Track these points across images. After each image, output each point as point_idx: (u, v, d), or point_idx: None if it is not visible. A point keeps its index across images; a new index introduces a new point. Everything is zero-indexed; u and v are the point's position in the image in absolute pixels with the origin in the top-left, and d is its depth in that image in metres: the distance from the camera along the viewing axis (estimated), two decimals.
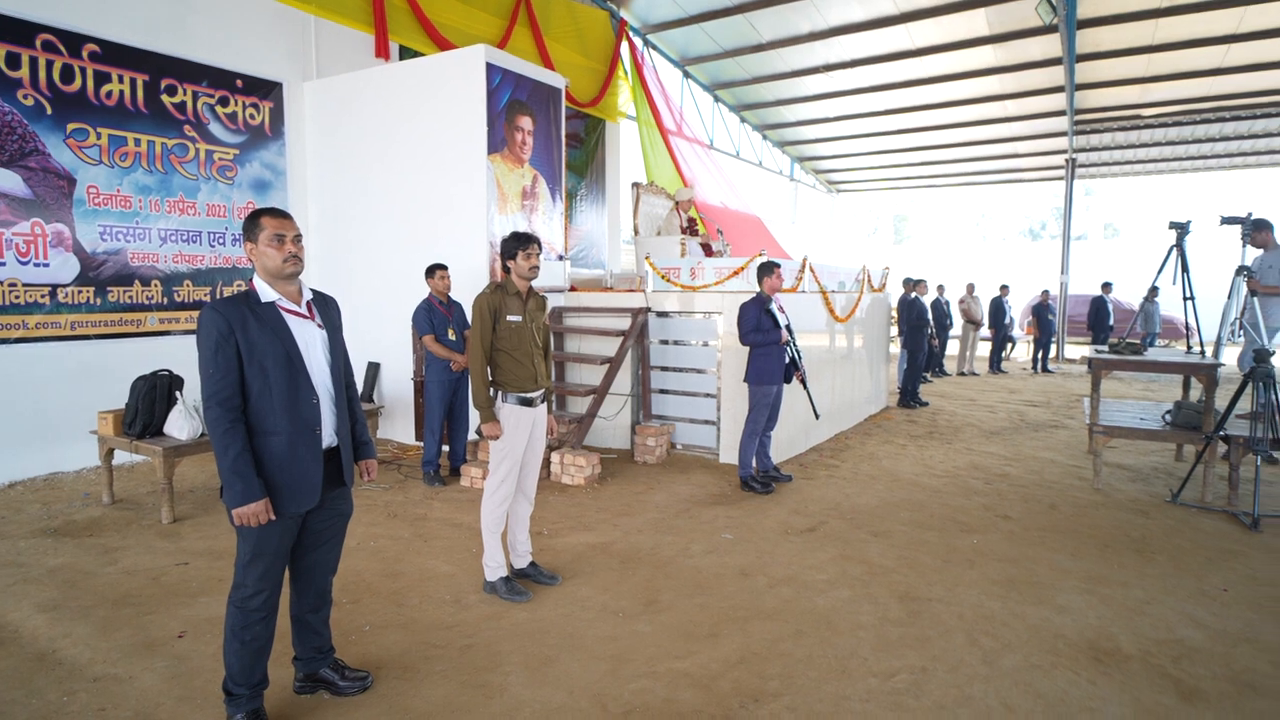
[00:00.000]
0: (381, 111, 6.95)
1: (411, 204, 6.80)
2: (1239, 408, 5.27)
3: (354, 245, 7.22)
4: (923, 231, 43.00)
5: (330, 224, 7.37)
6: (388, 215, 6.97)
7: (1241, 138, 15.27)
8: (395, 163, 6.88)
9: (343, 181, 7.25)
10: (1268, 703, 2.78)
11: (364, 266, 7.16)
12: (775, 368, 5.38)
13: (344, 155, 7.22)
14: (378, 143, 6.98)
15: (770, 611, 3.52)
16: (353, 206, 7.20)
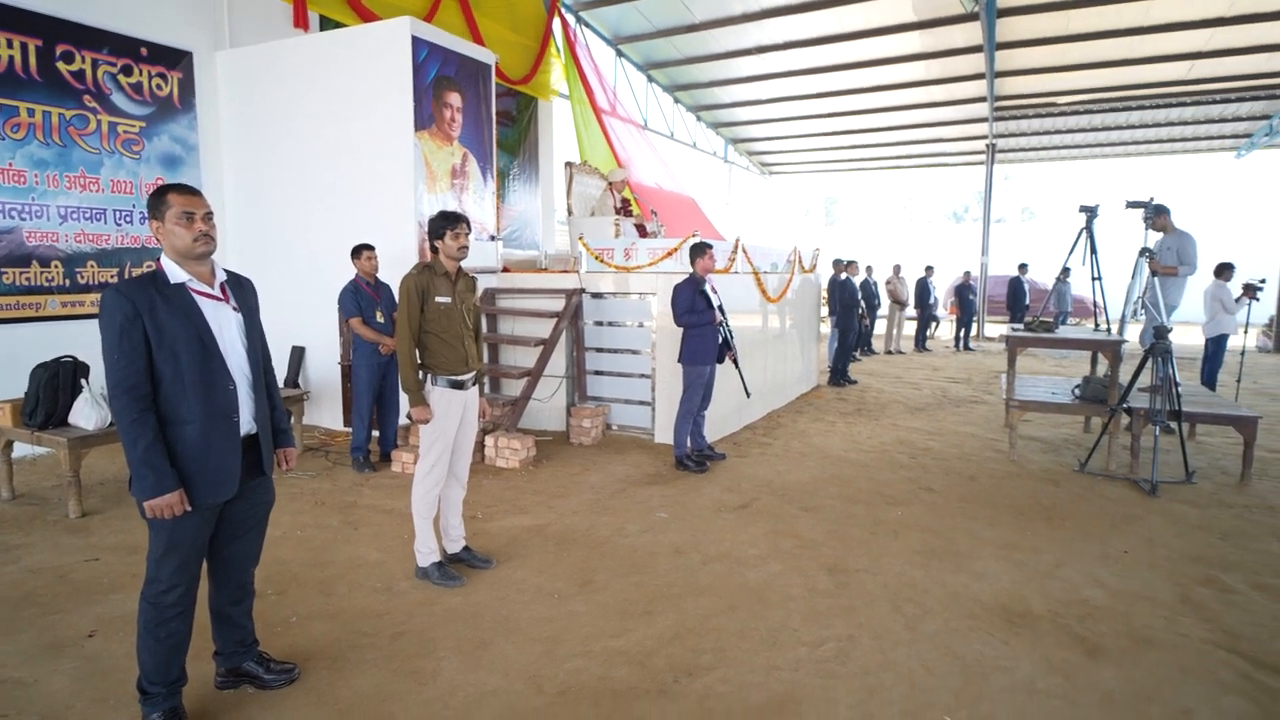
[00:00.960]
0: (301, 85, 6.65)
1: (336, 182, 6.55)
2: (1140, 381, 5.60)
3: (274, 224, 6.93)
4: (853, 213, 43.99)
5: (248, 202, 7.04)
6: (310, 193, 6.71)
7: (1146, 126, 16.11)
8: (317, 139, 6.61)
9: (260, 158, 6.93)
10: (1161, 654, 2.99)
11: (286, 247, 6.88)
12: (709, 348, 5.44)
13: (261, 130, 6.90)
14: (298, 118, 6.69)
15: (704, 587, 3.57)
16: (272, 184, 6.89)
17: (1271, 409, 8.31)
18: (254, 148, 6.95)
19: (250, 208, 7.04)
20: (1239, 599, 3.50)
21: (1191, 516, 4.66)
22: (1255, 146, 16.70)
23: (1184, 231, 6.73)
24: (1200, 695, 2.70)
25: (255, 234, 7.04)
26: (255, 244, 7.03)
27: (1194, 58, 12.33)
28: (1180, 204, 7.41)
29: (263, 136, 6.89)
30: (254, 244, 7.03)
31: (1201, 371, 7.93)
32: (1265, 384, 10.40)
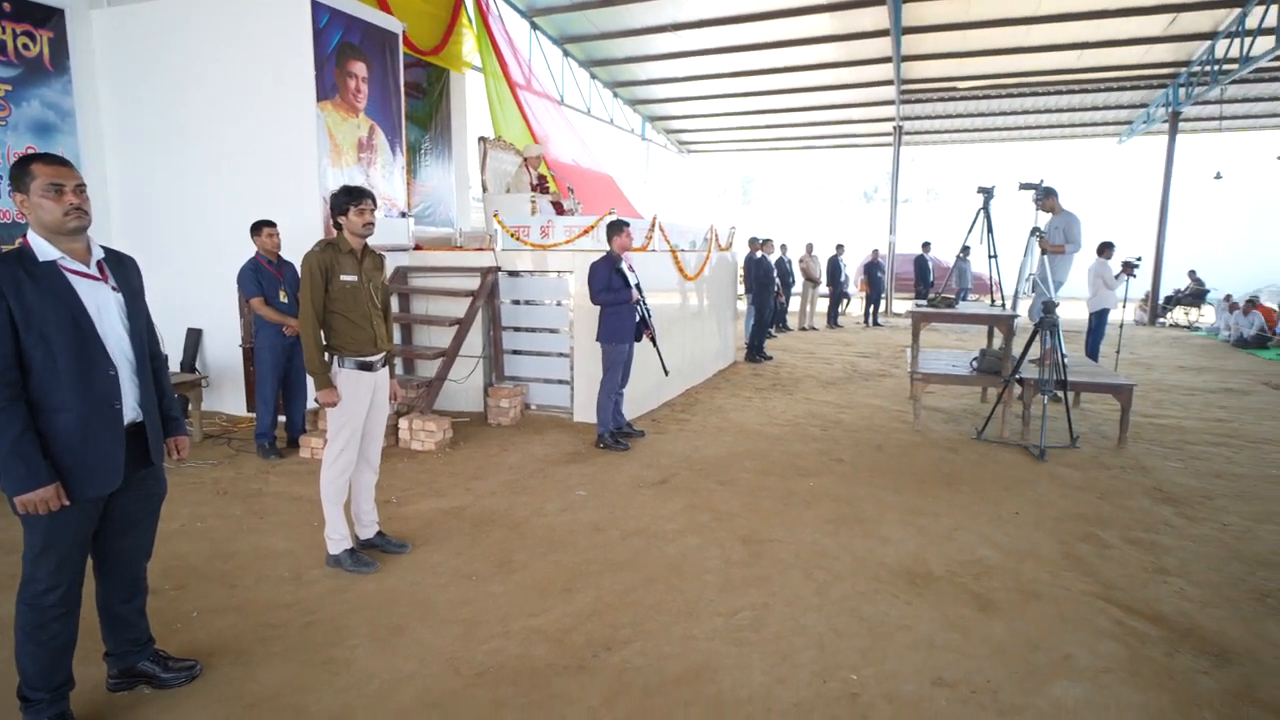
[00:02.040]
0: (191, 49, 6.21)
1: (234, 154, 6.17)
2: (1031, 354, 5.96)
3: (164, 199, 6.48)
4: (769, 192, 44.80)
5: (134, 174, 6.56)
6: (205, 166, 6.30)
7: (1039, 112, 17.01)
8: (211, 108, 6.20)
9: (147, 126, 6.45)
10: (1046, 606, 3.22)
11: (179, 223, 6.45)
12: (626, 326, 5.46)
13: (147, 97, 6.41)
14: (189, 85, 6.26)
15: (622, 563, 3.61)
16: (162, 155, 6.44)
17: (1146, 377, 9.01)
18: (139, 116, 6.46)
19: (137, 181, 6.56)
20: (1114, 553, 3.80)
21: (1074, 478, 5.01)
22: (1135, 133, 17.88)
23: (1070, 212, 7.16)
24: (1079, 642, 2.93)
25: (143, 209, 6.57)
26: (143, 220, 6.57)
27: (1081, 47, 13.06)
28: (1068, 186, 7.87)
29: (149, 104, 6.42)
30: (142, 220, 6.57)
31: (1085, 343, 8.50)
32: (1141, 354, 11.26)
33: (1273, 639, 2.96)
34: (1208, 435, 6.25)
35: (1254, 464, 5.41)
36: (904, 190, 20.69)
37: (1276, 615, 3.16)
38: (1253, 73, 12.63)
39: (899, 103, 16.35)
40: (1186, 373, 9.68)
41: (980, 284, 18.15)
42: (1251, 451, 5.76)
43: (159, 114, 6.39)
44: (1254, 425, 6.67)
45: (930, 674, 2.69)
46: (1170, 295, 16.94)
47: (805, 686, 2.61)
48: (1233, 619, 3.12)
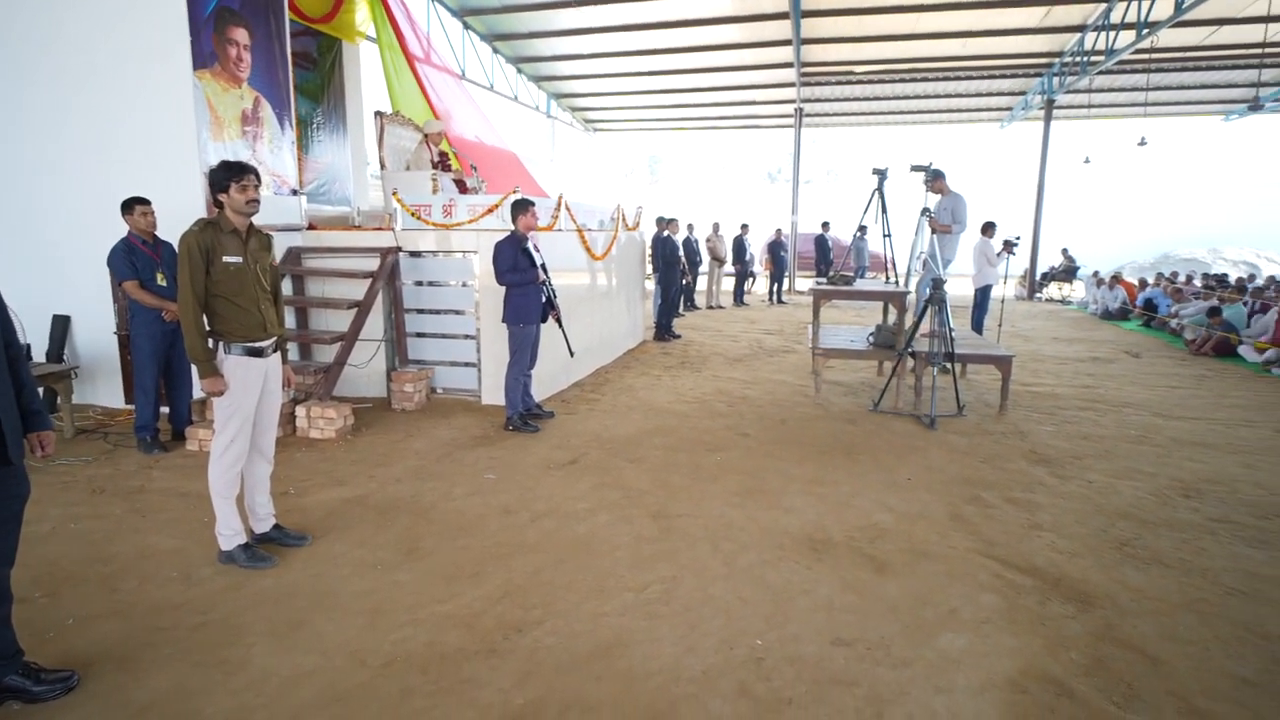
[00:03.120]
0: (54, 13, 5.66)
1: (103, 126, 5.68)
2: (921, 328, 6.28)
3: (20, 175, 5.90)
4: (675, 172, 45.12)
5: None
6: (69, 140, 5.77)
7: (929, 97, 17.77)
8: (75, 76, 5.67)
9: (6, 97, 5.84)
10: (935, 565, 3.43)
11: (39, 202, 5.90)
12: (533, 307, 5.40)
13: (5, 67, 5.80)
14: (49, 50, 5.69)
15: (533, 545, 3.60)
16: (18, 127, 5.85)
17: (1024, 349, 9.66)
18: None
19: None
20: (995, 512, 4.08)
21: (961, 444, 5.33)
22: (1015, 119, 18.98)
23: (957, 194, 7.55)
24: (963, 595, 3.14)
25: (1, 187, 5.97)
26: (1, 198, 5.97)
27: (966, 36, 13.71)
28: (955, 169, 8.28)
29: (7, 74, 5.81)
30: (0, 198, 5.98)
31: (971, 318, 9.02)
32: (1020, 327, 12.06)
33: (1130, 583, 3.27)
34: (1077, 401, 6.78)
35: (1116, 426, 5.91)
36: (805, 171, 21.27)
37: (1133, 562, 3.48)
38: (1117, 64, 13.62)
39: (799, 85, 16.73)
40: (1059, 344, 10.45)
41: (877, 262, 18.95)
42: (1114, 415, 6.29)
43: (19, 84, 5.80)
44: (1116, 391, 7.28)
45: (830, 634, 2.83)
46: (1046, 272, 18.18)
47: (713, 654, 2.69)
48: (1096, 567, 3.42)
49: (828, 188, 31.86)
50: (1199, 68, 15.10)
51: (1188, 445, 5.40)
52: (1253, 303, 10.74)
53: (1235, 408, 6.64)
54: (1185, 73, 15.43)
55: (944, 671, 2.60)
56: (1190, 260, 22.00)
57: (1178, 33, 12.58)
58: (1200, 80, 15.99)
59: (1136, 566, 3.43)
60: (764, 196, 28.59)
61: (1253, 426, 5.97)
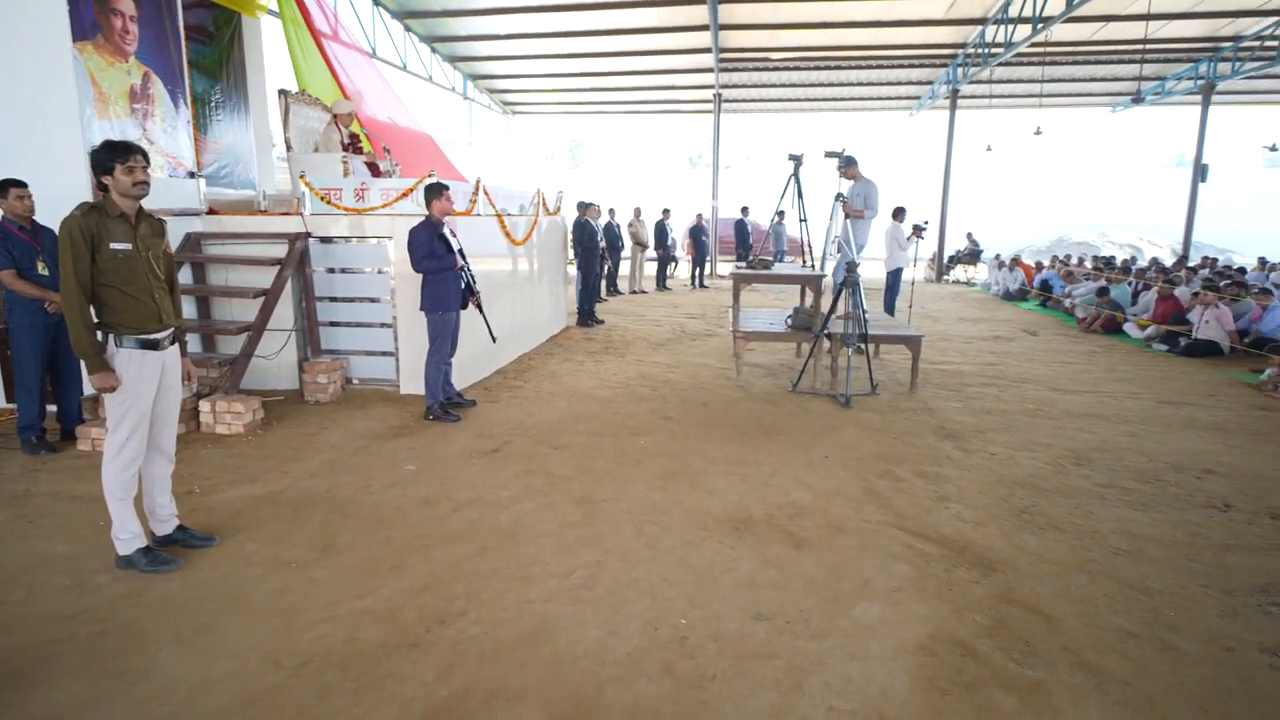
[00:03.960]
0: None
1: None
2: (837, 311, 6.47)
3: None
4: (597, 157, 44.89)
5: None
6: None
7: (842, 85, 18.24)
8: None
9: None
10: (850, 538, 3.56)
11: None
12: (452, 294, 5.29)
13: None
14: None
15: (455, 535, 3.55)
16: None
17: (933, 329, 10.10)
18: None
19: None
20: (906, 486, 4.26)
21: (875, 422, 5.54)
22: (923, 107, 19.70)
23: (869, 180, 7.79)
24: (877, 567, 3.27)
25: None
26: None
27: (877, 26, 14.11)
28: (867, 156, 8.53)
29: None
30: None
31: (884, 300, 9.35)
32: (929, 308, 12.59)
33: (1027, 548, 3.48)
34: (980, 377, 7.14)
35: (1016, 400, 6.26)
36: (725, 156, 21.52)
37: (1030, 528, 3.71)
38: (1015, 57, 14.29)
39: (718, 71, 16.87)
40: (965, 323, 10.97)
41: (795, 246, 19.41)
42: (1014, 390, 6.65)
43: None
44: (1016, 367, 7.70)
45: (751, 610, 2.90)
46: (952, 255, 19.02)
47: (638, 635, 2.72)
48: (997, 534, 3.62)
49: (747, 173, 32.33)
50: (1088, 61, 16.03)
51: (1079, 417, 5.77)
52: (1136, 283, 11.54)
53: (1121, 381, 7.13)
54: (1076, 66, 16.35)
55: (859, 640, 2.71)
56: (1082, 244, 23.42)
57: (1069, 28, 13.32)
58: (1090, 73, 16.97)
59: (1033, 532, 3.66)
60: (685, 181, 28.77)
61: (1137, 398, 6.43)
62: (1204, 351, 8.40)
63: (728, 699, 2.38)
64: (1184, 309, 9.34)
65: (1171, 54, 15.79)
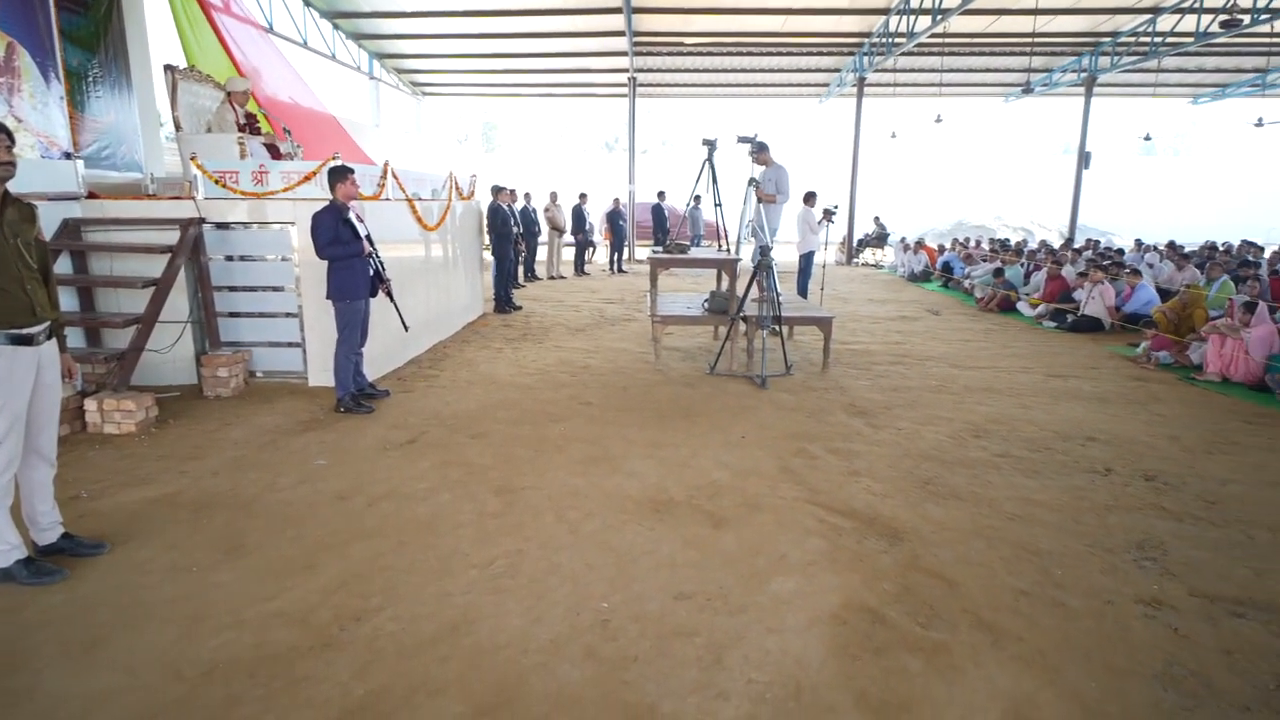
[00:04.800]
0: None
1: None
2: (751, 294, 6.60)
3: None
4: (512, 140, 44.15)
5: None
6: None
7: (754, 71, 18.50)
8: None
9: None
10: (766, 515, 3.65)
11: None
12: (360, 281, 5.10)
13: None
14: None
15: (371, 530, 3.45)
16: None
17: (843, 310, 10.45)
18: None
19: None
20: (819, 462, 4.41)
21: (789, 401, 5.70)
22: (832, 95, 20.22)
23: (780, 165, 7.95)
24: (792, 541, 3.38)
25: None
26: None
27: (786, 13, 14.36)
28: (780, 141, 8.71)
29: None
30: None
31: (796, 283, 9.60)
32: (840, 290, 13.01)
33: (931, 517, 3.66)
34: (888, 356, 7.44)
35: (920, 377, 6.55)
36: (641, 141, 21.52)
37: (935, 498, 3.90)
38: (917, 47, 14.84)
39: (632, 54, 16.82)
40: (873, 304, 11.40)
41: (711, 230, 19.64)
42: (919, 367, 6.96)
43: None
44: (920, 346, 8.06)
45: (672, 590, 2.95)
46: (861, 239, 19.67)
47: (560, 621, 2.72)
48: (904, 505, 3.79)
49: (664, 157, 32.47)
50: (983, 53, 16.81)
51: (978, 391, 6.09)
52: (1028, 264, 12.24)
53: (1015, 357, 7.57)
54: (973, 57, 17.12)
55: (776, 613, 2.80)
56: (980, 227, 24.68)
57: (965, 20, 13.92)
58: (985, 64, 17.80)
59: (937, 502, 3.85)
60: (602, 166, 28.67)
61: (1029, 373, 6.84)
62: (1088, 327, 9.01)
63: (650, 678, 2.41)
64: (1070, 288, 9.98)
65: (1057, 48, 16.75)
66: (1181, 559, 3.27)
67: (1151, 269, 11.77)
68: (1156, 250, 13.40)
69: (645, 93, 20.17)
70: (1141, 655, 2.58)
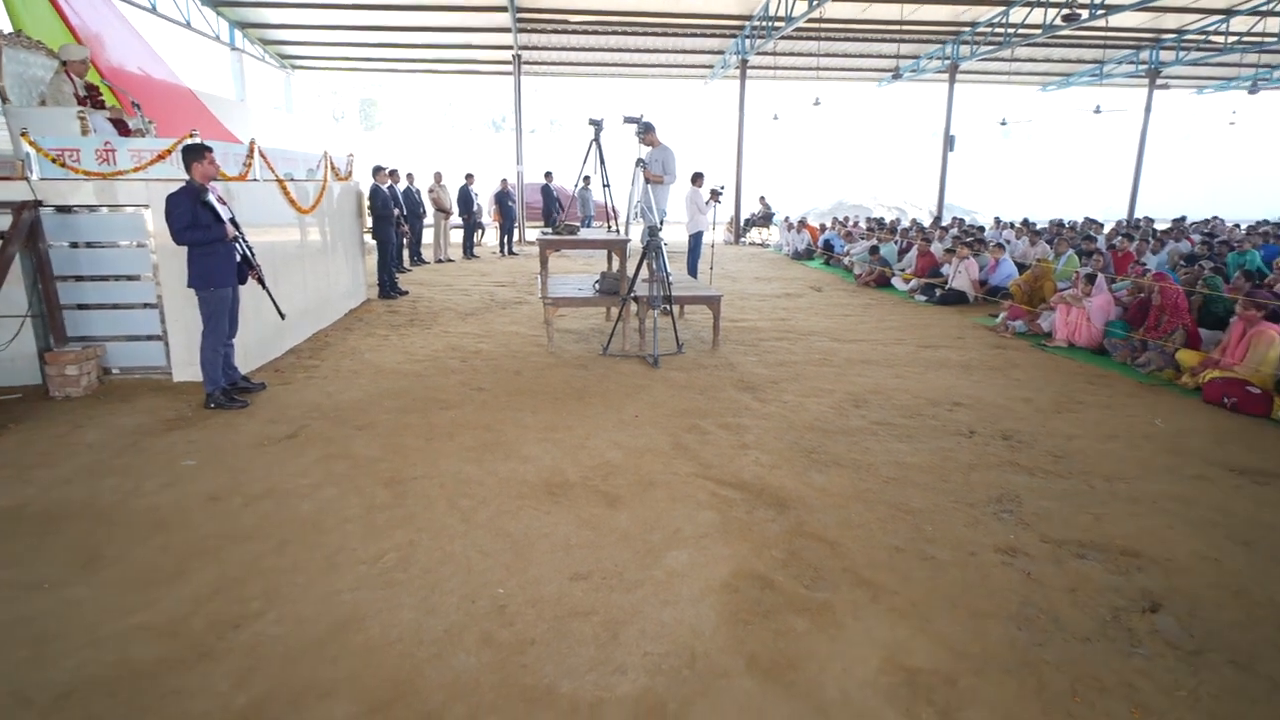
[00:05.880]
0: None
1: None
2: (642, 274, 6.65)
3: None
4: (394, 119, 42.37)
5: None
6: None
7: (641, 51, 18.51)
8: None
9: None
10: (660, 491, 3.72)
11: None
12: (225, 267, 4.78)
13: None
14: None
15: (248, 531, 3.27)
16: None
17: (732, 288, 10.72)
18: None
19: None
20: (711, 437, 4.52)
21: (681, 379, 5.80)
22: (717, 76, 20.55)
23: (666, 146, 8.00)
24: (685, 516, 3.46)
25: None
26: None
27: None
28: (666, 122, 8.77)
29: None
30: None
31: (687, 263, 9.75)
32: (729, 269, 13.32)
33: (815, 484, 3.84)
34: (774, 332, 7.71)
35: (804, 352, 6.83)
36: (529, 120, 21.15)
37: (818, 466, 4.09)
38: (796, 31, 15.28)
39: (516, 31, 16.44)
40: (760, 282, 11.75)
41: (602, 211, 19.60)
42: (803, 342, 7.25)
43: None
44: (804, 321, 8.39)
45: (568, 571, 2.96)
46: (748, 218, 20.19)
47: (455, 611, 2.68)
48: (790, 475, 3.96)
49: (552, 137, 32.06)
50: (856, 39, 17.51)
51: (857, 363, 6.41)
52: (901, 242, 12.94)
53: (890, 329, 8.02)
54: (848, 42, 17.80)
55: (670, 586, 2.86)
56: (858, 206, 25.85)
57: (840, 6, 14.48)
58: (859, 50, 18.56)
59: (820, 470, 4.04)
60: (490, 145, 27.96)
61: (902, 344, 7.26)
62: (955, 300, 9.65)
63: (548, 660, 2.42)
64: (939, 263, 10.64)
65: (923, 36, 17.67)
66: (1034, 509, 3.59)
67: (1009, 245, 12.71)
68: (1012, 227, 14.47)
69: (531, 71, 19.81)
70: (999, 599, 2.81)
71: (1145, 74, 19.77)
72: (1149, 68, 19.44)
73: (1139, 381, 6.01)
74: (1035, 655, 2.48)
